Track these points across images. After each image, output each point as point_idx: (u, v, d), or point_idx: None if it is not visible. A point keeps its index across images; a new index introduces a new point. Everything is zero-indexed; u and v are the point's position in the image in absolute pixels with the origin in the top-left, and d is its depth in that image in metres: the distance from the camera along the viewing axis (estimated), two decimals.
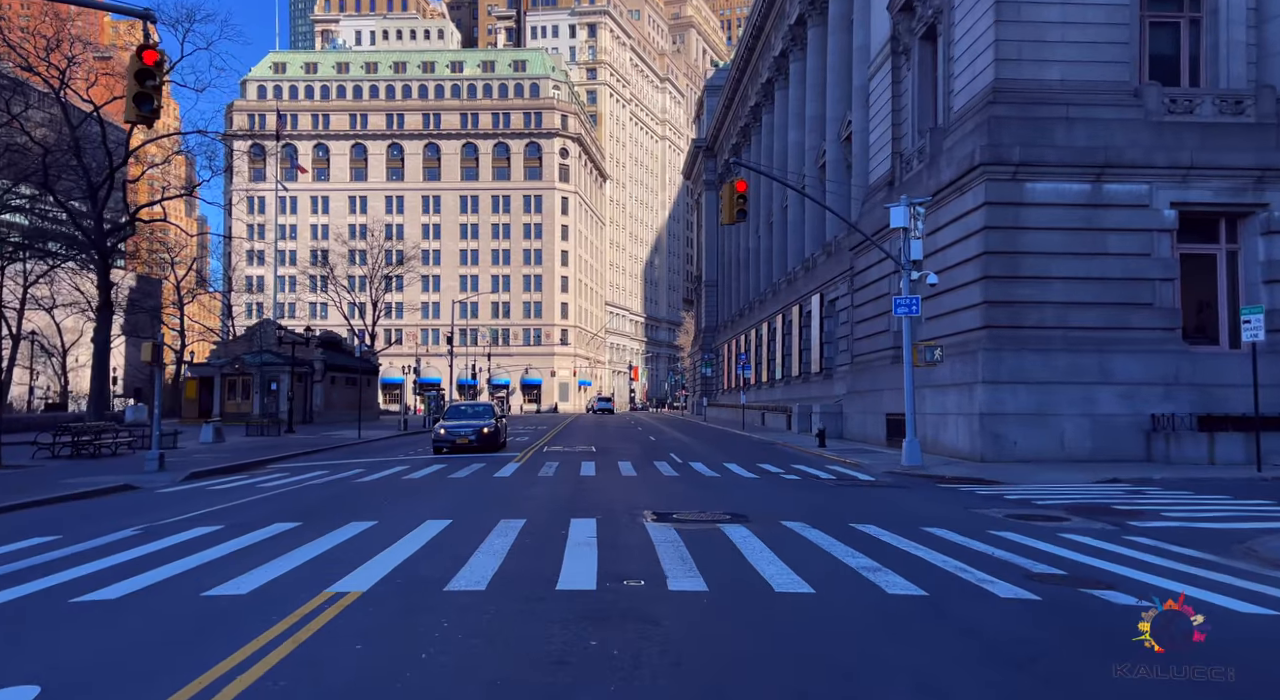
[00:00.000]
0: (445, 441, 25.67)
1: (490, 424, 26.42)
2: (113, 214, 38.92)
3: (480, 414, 28.00)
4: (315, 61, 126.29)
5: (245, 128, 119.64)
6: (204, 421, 51.32)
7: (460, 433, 25.74)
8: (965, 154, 22.90)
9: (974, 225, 22.52)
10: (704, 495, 14.81)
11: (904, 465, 20.20)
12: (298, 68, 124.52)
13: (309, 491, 15.67)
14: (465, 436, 25.66)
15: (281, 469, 21.71)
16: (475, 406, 29.63)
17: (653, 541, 9.44)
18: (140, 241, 77.10)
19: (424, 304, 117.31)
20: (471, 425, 26.09)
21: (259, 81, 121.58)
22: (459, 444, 25.60)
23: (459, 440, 25.60)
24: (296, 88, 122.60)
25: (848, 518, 11.75)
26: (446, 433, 25.83)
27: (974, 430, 21.90)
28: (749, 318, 66.11)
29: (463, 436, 25.66)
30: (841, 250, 40.89)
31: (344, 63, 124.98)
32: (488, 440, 25.96)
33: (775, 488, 16.46)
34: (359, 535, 9.93)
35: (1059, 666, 5.29)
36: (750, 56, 65.97)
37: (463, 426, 26.04)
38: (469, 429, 25.86)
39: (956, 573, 7.89)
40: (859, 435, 32.08)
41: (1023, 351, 21.70)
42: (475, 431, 25.80)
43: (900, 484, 17.48)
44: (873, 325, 31.53)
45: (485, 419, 27.11)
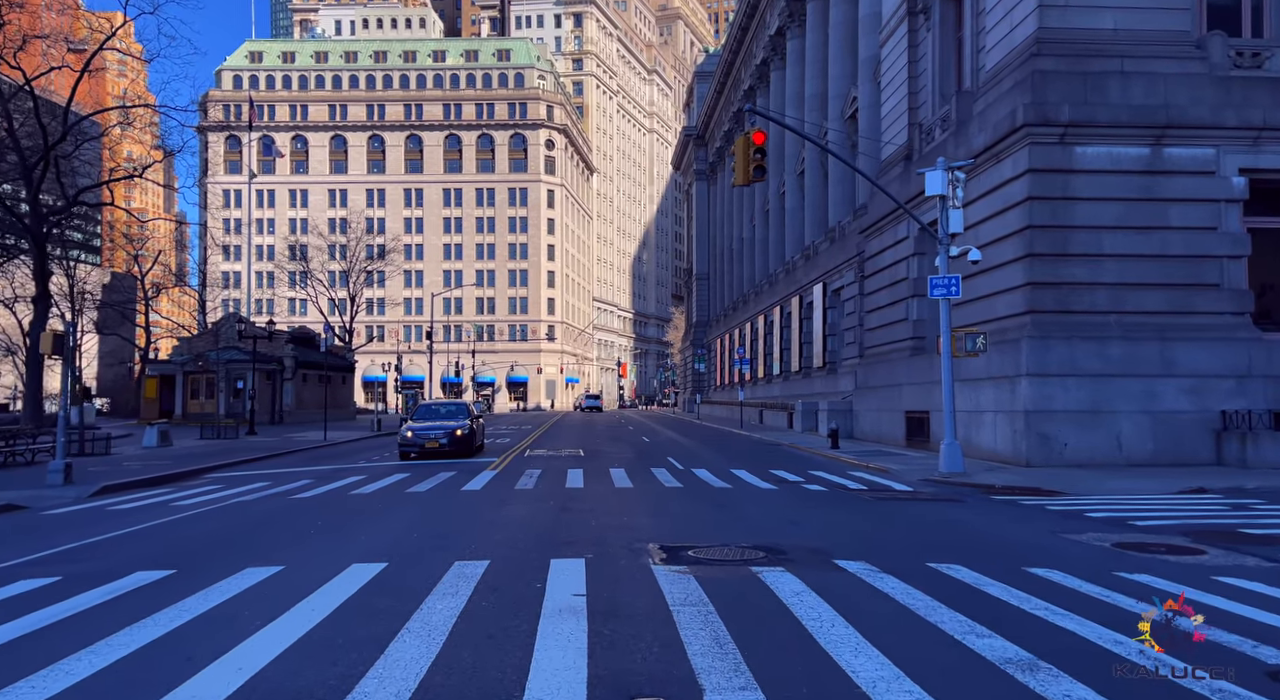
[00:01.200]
0: (413, 445, 22.63)
1: (464, 425, 23.38)
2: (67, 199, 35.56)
3: (453, 414, 24.93)
4: (293, 51, 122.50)
5: (221, 119, 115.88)
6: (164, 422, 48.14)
7: (430, 435, 22.74)
8: (1003, 115, 20.09)
9: (1015, 196, 19.72)
10: (718, 515, 11.93)
11: (942, 472, 17.38)
12: (275, 57, 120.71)
13: (228, 514, 12.67)
14: (435, 439, 22.65)
15: (219, 479, 18.68)
16: (448, 405, 26.57)
17: (668, 604, 6.53)
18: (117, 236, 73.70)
19: (406, 300, 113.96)
20: (443, 427, 23.15)
21: (235, 71, 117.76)
22: (428, 448, 22.55)
23: (428, 443, 22.56)
24: (274, 78, 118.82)
25: (917, 551, 8.89)
26: (414, 435, 22.75)
27: (1016, 430, 19.12)
28: (743, 311, 63.30)
29: (432, 439, 22.65)
30: (846, 236, 38.12)
31: (323, 52, 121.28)
32: (461, 443, 22.98)
33: (801, 503, 13.60)
34: (242, 596, 6.95)
35: None
36: (744, 37, 63.09)
37: (433, 428, 23.06)
38: (440, 431, 22.88)
39: (1152, 665, 5.03)
40: (872, 435, 29.30)
41: (1073, 340, 18.94)
42: (447, 433, 22.81)
43: (947, 496, 14.65)
44: (887, 314, 28.73)
45: (458, 420, 24.03)
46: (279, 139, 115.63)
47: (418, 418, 24.58)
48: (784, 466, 20.42)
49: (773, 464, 21.20)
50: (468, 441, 23.27)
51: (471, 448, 23.77)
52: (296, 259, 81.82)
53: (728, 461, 21.89)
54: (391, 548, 9.18)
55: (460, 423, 23.59)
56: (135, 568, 8.06)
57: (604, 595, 6.81)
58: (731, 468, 19.76)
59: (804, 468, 20.15)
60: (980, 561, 8.29)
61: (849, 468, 20.38)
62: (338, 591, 6.97)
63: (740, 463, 21.43)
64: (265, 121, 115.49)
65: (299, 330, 61.09)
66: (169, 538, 10.29)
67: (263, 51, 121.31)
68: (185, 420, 48.29)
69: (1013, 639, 5.56)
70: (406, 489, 15.38)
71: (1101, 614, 6.26)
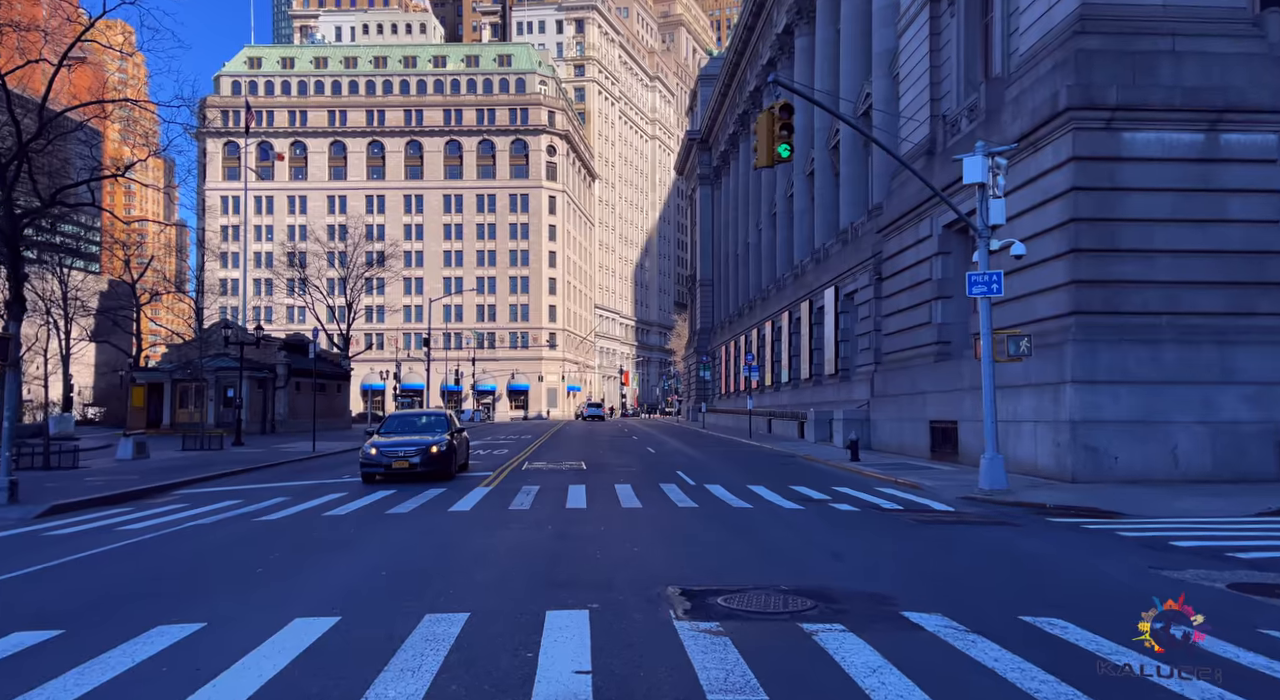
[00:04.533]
0: (376, 465, 18.35)
1: (441, 441, 19.07)
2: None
3: (430, 426, 20.70)
4: (292, 56, 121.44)
5: (220, 125, 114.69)
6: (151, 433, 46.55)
7: (398, 452, 18.45)
8: (1043, 100, 18.48)
9: (1056, 187, 18.08)
10: (744, 545, 10.25)
11: (983, 489, 15.68)
12: (274, 63, 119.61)
13: (174, 543, 10.99)
14: (404, 457, 18.35)
15: (187, 497, 17.02)
16: (425, 415, 22.03)
17: (702, 688, 4.83)
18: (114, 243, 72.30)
19: (406, 307, 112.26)
20: (415, 442, 18.87)
21: (233, 77, 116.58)
22: (395, 469, 18.26)
23: (395, 463, 18.25)
24: (273, 83, 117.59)
25: (1000, 597, 7.21)
26: (379, 452, 18.43)
27: (1060, 442, 17.43)
28: (749, 317, 61.66)
29: (401, 457, 18.35)
30: (860, 237, 36.49)
31: (322, 57, 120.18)
32: (437, 462, 18.71)
33: (835, 527, 11.91)
34: (122, 679, 5.23)
35: None
36: (749, 37, 61.65)
37: (402, 444, 18.79)
38: (411, 447, 18.61)
39: None
40: (893, 446, 27.59)
41: (1122, 343, 17.27)
42: (420, 450, 18.55)
43: (997, 518, 12.96)
44: (908, 317, 27.06)
45: (435, 433, 19.78)
46: (278, 145, 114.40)
47: (386, 430, 20.34)
48: (804, 482, 18.73)
49: (791, 478, 19.51)
50: (445, 460, 18.99)
51: (451, 468, 19.37)
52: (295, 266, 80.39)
53: (742, 476, 20.20)
54: (352, 592, 7.50)
55: (437, 437, 19.31)
56: (14, 626, 6.37)
57: (615, 671, 5.13)
58: (748, 483, 18.06)
59: (826, 483, 18.46)
60: (1084, 613, 6.60)
61: (875, 483, 18.68)
62: (260, 666, 5.28)
63: (756, 477, 19.73)
64: (264, 127, 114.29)
65: (293, 337, 59.49)
66: (89, 577, 8.61)
67: (262, 57, 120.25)
68: (174, 430, 46.64)
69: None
70: (387, 510, 13.70)
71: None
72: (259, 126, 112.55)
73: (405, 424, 21.02)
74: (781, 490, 16.80)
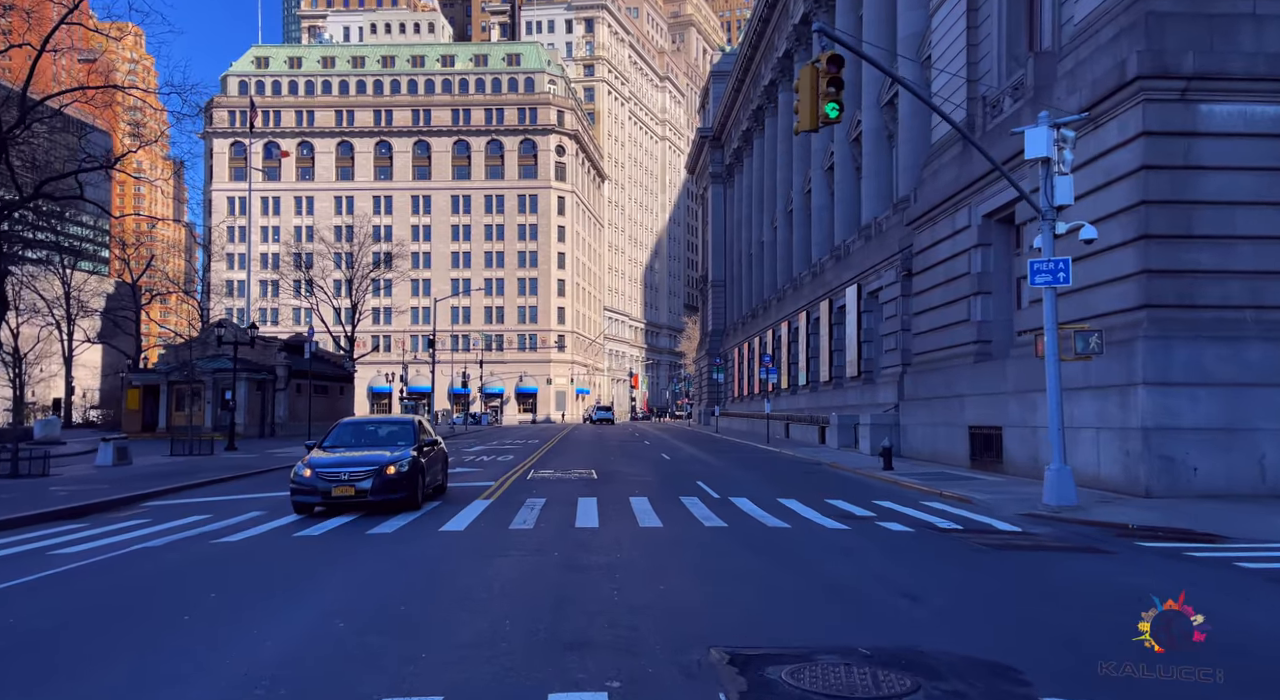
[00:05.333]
0: (310, 491, 13.35)
1: (401, 458, 13.97)
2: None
3: (390, 438, 15.52)
4: (299, 56, 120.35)
5: (227, 125, 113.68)
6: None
7: (340, 474, 13.37)
8: (1106, 70, 16.60)
9: (1123, 166, 16.19)
10: (792, 578, 8.42)
11: (1049, 505, 13.78)
12: (281, 62, 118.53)
13: (99, 575, 9.20)
14: (349, 481, 13.28)
15: (154, 510, 15.29)
16: (384, 424, 16.77)
17: None
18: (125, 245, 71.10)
19: (413, 309, 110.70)
20: (364, 461, 13.72)
21: (240, 77, 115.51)
22: (337, 497, 13.28)
23: (336, 489, 13.23)
24: (280, 83, 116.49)
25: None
26: (315, 475, 13.41)
27: (1130, 451, 15.52)
28: (763, 318, 59.77)
29: (344, 481, 13.28)
30: (885, 232, 34.62)
31: (330, 57, 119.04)
32: (395, 487, 13.59)
33: (893, 554, 10.07)
34: None
35: None
36: (764, 29, 59.84)
37: (347, 463, 13.67)
38: (360, 468, 13.51)
39: None
40: (926, 453, 25.67)
41: (1199, 340, 15.36)
42: (371, 472, 13.46)
43: (1078, 542, 11.07)
44: (943, 315, 25.15)
45: (395, 448, 14.69)
46: (285, 145, 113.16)
47: (332, 442, 15.27)
48: (839, 494, 16.86)
49: (823, 490, 17.65)
50: (407, 484, 13.77)
51: (416, 493, 14.08)
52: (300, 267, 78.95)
53: (769, 487, 18.34)
54: (290, 661, 5.69)
55: (397, 454, 14.17)
56: None
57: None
58: (778, 496, 16.20)
59: (864, 496, 16.59)
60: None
61: (918, 496, 16.79)
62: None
63: (785, 488, 17.87)
64: (271, 127, 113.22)
65: (294, 338, 57.87)
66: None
67: (269, 57, 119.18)
68: (169, 434, 45.00)
69: None
70: (369, 529, 11.91)
71: None
72: (266, 127, 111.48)
73: (358, 434, 15.84)
74: (816, 504, 14.95)
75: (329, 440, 15.43)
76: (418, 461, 14.36)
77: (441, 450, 17.11)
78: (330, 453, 14.51)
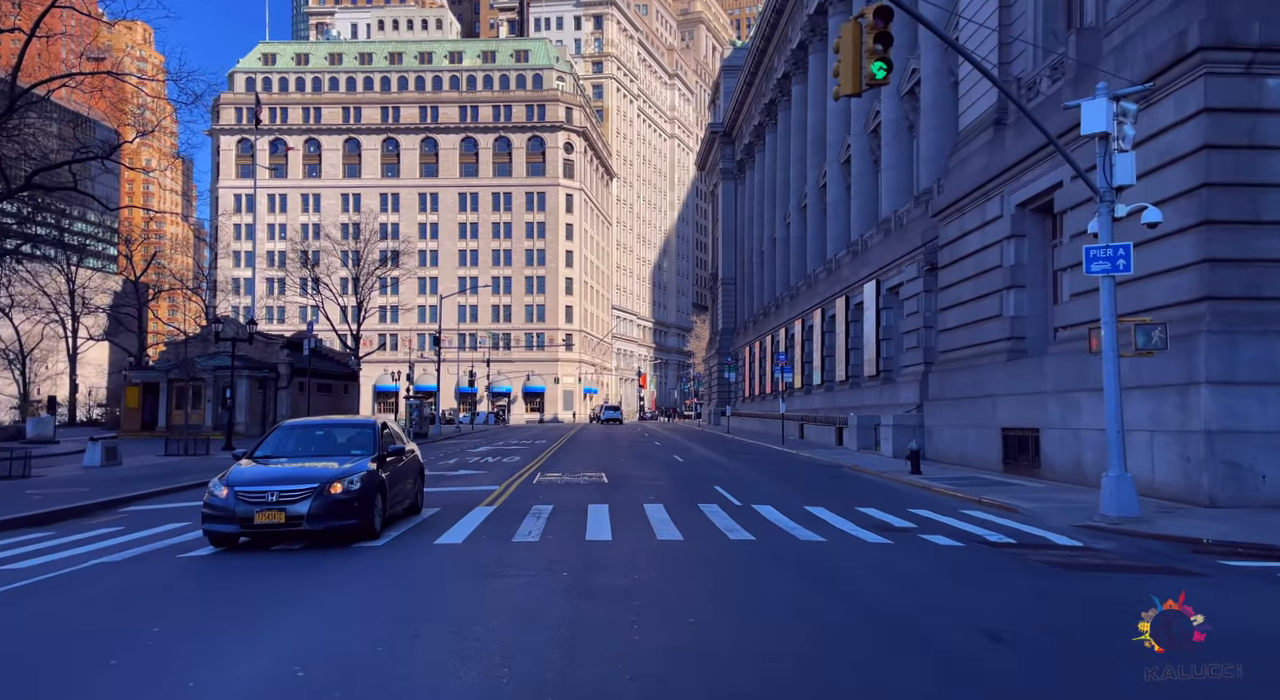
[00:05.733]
0: (227, 518, 10.21)
1: (352, 473, 10.73)
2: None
3: (341, 446, 12.07)
4: (306, 52, 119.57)
5: (233, 122, 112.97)
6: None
7: (267, 495, 10.21)
8: (1160, 43, 15.31)
9: (1182, 146, 14.89)
10: (843, 610, 7.20)
11: (1109, 515, 12.49)
12: (288, 59, 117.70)
13: (45, 596, 8.05)
14: (277, 505, 10.12)
15: (130, 516, 14.17)
16: (337, 427, 13.13)
17: None
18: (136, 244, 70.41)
19: (420, 307, 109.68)
20: (302, 478, 10.51)
21: (247, 73, 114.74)
22: (261, 525, 10.12)
23: (260, 514, 10.08)
24: (287, 80, 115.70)
25: None
26: (233, 495, 10.25)
27: (1192, 457, 14.22)
28: (775, 317, 58.49)
29: (271, 505, 10.12)
30: (906, 225, 33.30)
31: (337, 54, 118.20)
32: (342, 512, 10.33)
33: (951, 576, 8.83)
34: None
35: None
36: (777, 21, 58.52)
37: (276, 481, 10.49)
38: (294, 487, 10.30)
39: None
40: (954, 456, 24.37)
41: (1268, 335, 14.07)
42: (310, 492, 10.25)
43: (1152, 560, 9.80)
44: (972, 310, 23.85)
45: (347, 460, 11.33)
46: (291, 141, 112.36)
47: (267, 451, 11.95)
48: (869, 500, 15.61)
49: (852, 496, 16.40)
50: (359, 508, 10.47)
51: (372, 518, 10.77)
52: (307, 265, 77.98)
53: (793, 492, 17.10)
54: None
55: (348, 467, 10.89)
56: None
57: None
58: (804, 504, 14.95)
59: (897, 503, 15.33)
60: None
61: (955, 504, 15.52)
62: None
63: (810, 495, 16.62)
64: (278, 124, 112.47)
65: (297, 335, 56.88)
66: None
67: (276, 53, 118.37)
68: (169, 432, 44.04)
69: None
70: (354, 541, 10.70)
71: None
72: (273, 124, 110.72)
73: (304, 440, 12.27)
74: (848, 513, 13.70)
75: (264, 447, 12.06)
76: (375, 477, 10.95)
77: (414, 460, 13.56)
78: (262, 464, 11.27)
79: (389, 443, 12.49)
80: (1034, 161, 20.35)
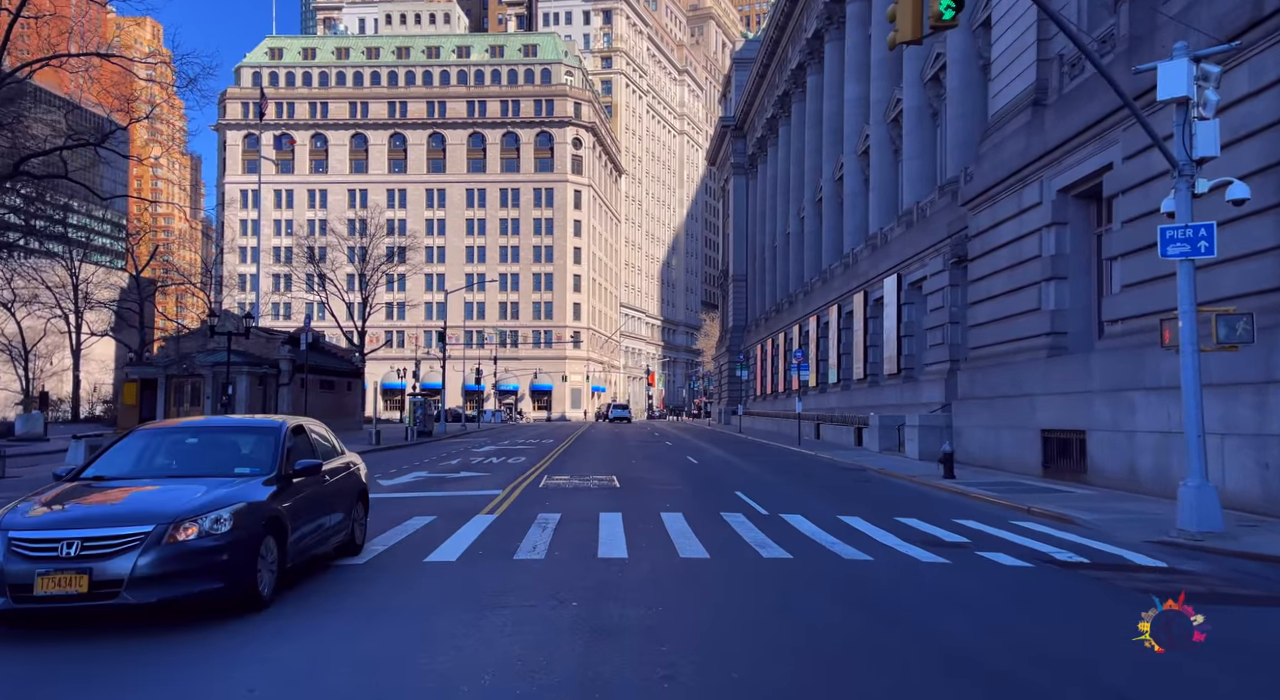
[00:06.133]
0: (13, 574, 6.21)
1: (217, 509, 6.73)
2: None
3: (213, 467, 7.86)
4: (314, 47, 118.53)
5: (240, 117, 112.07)
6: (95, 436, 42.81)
7: (58, 545, 6.24)
8: (1233, 6, 13.86)
9: (1260, 118, 13.42)
10: (911, 650, 5.84)
11: (1188, 530, 11.05)
12: (295, 54, 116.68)
13: None
14: (73, 565, 6.16)
15: None
16: (223, 431, 8.99)
17: None
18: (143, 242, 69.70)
19: (427, 304, 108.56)
20: (128, 516, 6.58)
21: (254, 68, 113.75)
22: (43, 598, 6.13)
23: (44, 577, 6.12)
24: (294, 75, 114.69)
25: None
26: (9, 546, 6.28)
27: (1270, 463, 12.77)
28: (789, 314, 57.07)
29: (64, 566, 6.16)
30: (930, 217, 31.86)
31: (344, 48, 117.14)
32: (189, 572, 6.41)
33: (1028, 607, 7.44)
34: None
35: None
36: (791, 10, 57.04)
37: (84, 522, 6.55)
38: (111, 534, 6.33)
39: None
40: (986, 459, 22.91)
41: None
42: (135, 542, 6.30)
43: (1264, 586, 8.39)
44: (1007, 304, 22.39)
45: (225, 483, 7.36)
46: (298, 136, 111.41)
47: (100, 469, 7.89)
48: (906, 509, 14.20)
49: (886, 504, 15.01)
50: (227, 563, 6.57)
51: (251, 577, 6.78)
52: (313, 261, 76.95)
53: (822, 499, 15.71)
54: None
55: (212, 498, 6.91)
56: None
57: None
58: (837, 513, 13.56)
59: (937, 512, 13.93)
60: None
61: (1003, 513, 14.09)
62: None
63: (840, 502, 15.23)
64: (284, 119, 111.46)
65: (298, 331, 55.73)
66: None
67: (283, 48, 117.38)
68: None
69: None
70: (339, 558, 9.35)
71: None
72: (280, 118, 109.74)
73: (171, 451, 8.33)
74: (887, 524, 12.31)
75: (102, 463, 8.03)
76: (263, 511, 7.14)
77: (348, 479, 9.58)
78: (83, 491, 7.35)
79: (300, 456, 8.33)
80: (1079, 143, 18.89)
